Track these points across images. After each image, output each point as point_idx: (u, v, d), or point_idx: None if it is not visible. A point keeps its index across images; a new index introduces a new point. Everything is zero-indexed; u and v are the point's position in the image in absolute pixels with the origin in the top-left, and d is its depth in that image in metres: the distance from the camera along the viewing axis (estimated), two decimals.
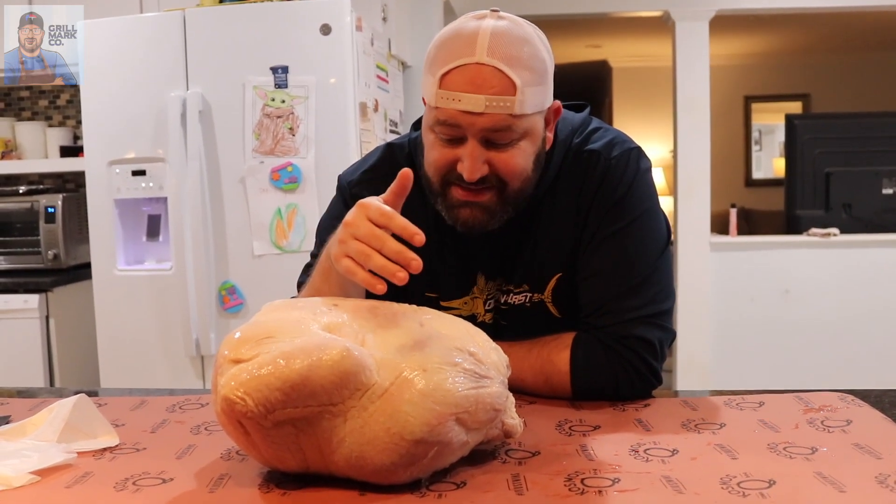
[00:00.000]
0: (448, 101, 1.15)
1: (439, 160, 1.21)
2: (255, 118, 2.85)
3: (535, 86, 1.16)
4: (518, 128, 1.17)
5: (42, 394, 1.43)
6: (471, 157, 1.17)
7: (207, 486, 0.92)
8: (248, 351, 0.91)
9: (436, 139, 1.21)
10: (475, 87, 1.13)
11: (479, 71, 1.13)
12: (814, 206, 4.67)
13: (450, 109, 1.15)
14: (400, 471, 0.88)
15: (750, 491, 0.86)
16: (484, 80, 1.13)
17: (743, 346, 4.64)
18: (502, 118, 1.15)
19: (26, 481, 0.93)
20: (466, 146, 1.17)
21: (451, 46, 1.16)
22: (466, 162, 1.17)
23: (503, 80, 1.13)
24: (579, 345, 1.25)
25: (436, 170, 1.22)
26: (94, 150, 3.03)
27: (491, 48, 1.13)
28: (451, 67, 1.15)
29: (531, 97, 1.16)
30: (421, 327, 0.98)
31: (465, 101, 1.14)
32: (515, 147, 1.19)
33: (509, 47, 1.14)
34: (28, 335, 3.32)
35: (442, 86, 1.15)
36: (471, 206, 1.22)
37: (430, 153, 1.23)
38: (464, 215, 1.23)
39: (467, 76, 1.14)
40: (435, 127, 1.19)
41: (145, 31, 2.95)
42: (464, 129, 1.16)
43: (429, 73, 1.19)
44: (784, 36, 6.70)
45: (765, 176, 7.79)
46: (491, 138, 1.17)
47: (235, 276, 2.94)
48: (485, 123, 1.15)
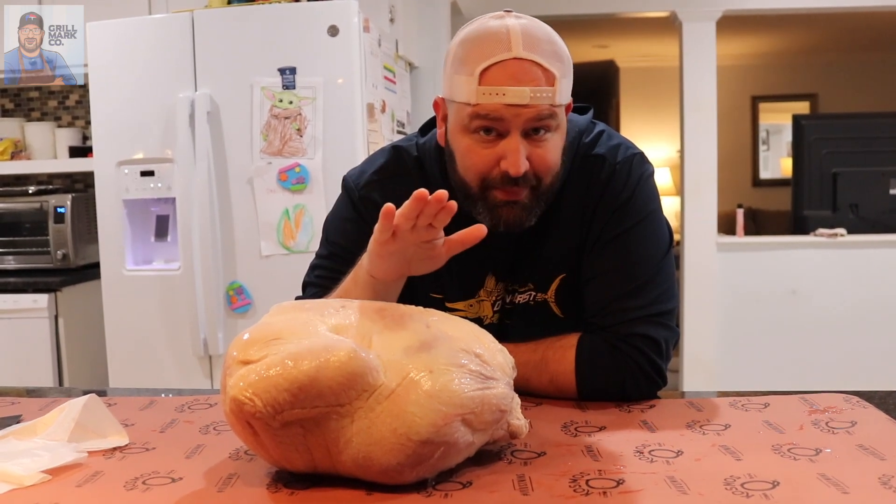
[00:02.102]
0: (491, 96, 1.17)
1: (479, 163, 1.23)
2: (262, 119, 2.87)
3: (566, 77, 1.21)
4: (557, 117, 1.21)
5: (52, 393, 1.44)
6: (515, 151, 1.19)
7: (216, 486, 0.93)
8: (256, 352, 0.92)
9: (472, 142, 1.22)
10: (518, 81, 1.17)
11: (520, 65, 1.17)
12: (821, 206, 4.66)
13: (493, 104, 1.18)
14: (406, 471, 0.89)
15: (753, 492, 0.86)
16: (525, 73, 1.17)
17: (750, 347, 4.63)
18: (546, 108, 1.18)
19: (38, 480, 0.94)
20: (510, 141, 1.19)
21: (483, 45, 1.18)
22: (511, 157, 1.19)
23: (544, 72, 1.18)
24: (584, 345, 1.26)
25: (476, 173, 1.23)
26: (102, 151, 3.04)
27: (526, 43, 1.17)
28: (490, 63, 1.17)
29: (565, 88, 1.21)
30: (427, 329, 0.99)
31: (510, 94, 1.17)
32: (550, 141, 1.22)
33: (540, 41, 1.19)
34: (37, 335, 3.34)
35: (483, 82, 1.18)
36: (511, 206, 1.24)
37: (467, 157, 1.24)
38: (506, 215, 1.24)
39: (509, 71, 1.17)
40: (474, 123, 1.21)
41: (154, 33, 2.97)
42: (507, 123, 1.19)
43: (460, 72, 1.20)
44: (791, 36, 6.69)
45: (772, 176, 7.77)
46: (535, 127, 1.20)
47: (243, 277, 2.95)
48: (530, 114, 1.18)
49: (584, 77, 8.30)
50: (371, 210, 1.37)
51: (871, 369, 4.44)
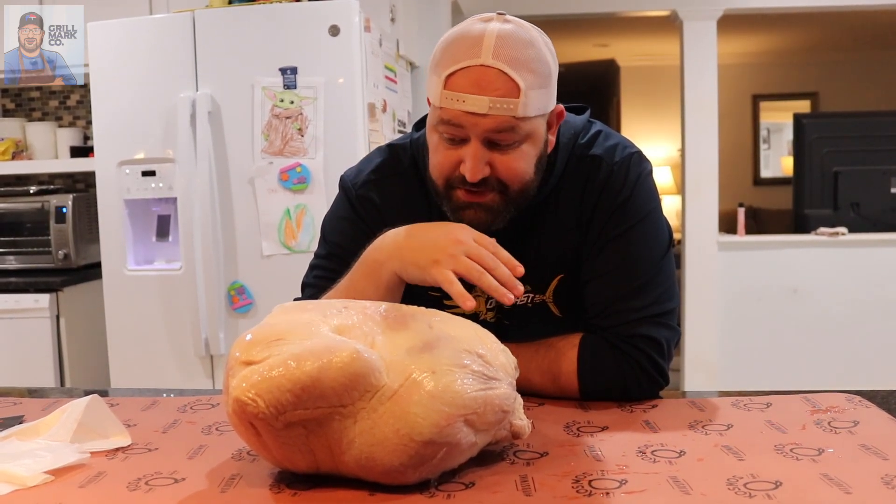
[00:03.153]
0: (452, 101, 1.16)
1: (443, 163, 1.22)
2: (264, 119, 2.87)
3: (539, 89, 1.17)
4: (521, 130, 1.18)
5: (54, 394, 1.45)
6: (473, 157, 1.18)
7: (219, 486, 0.93)
8: (259, 353, 0.92)
9: (440, 141, 1.22)
10: (479, 89, 1.14)
11: (484, 73, 1.14)
12: (822, 205, 4.66)
13: (454, 110, 1.16)
14: (409, 471, 0.89)
15: (756, 492, 0.86)
16: (488, 81, 1.14)
17: (751, 346, 4.63)
18: (505, 120, 1.16)
19: (40, 481, 0.95)
20: (469, 147, 1.19)
21: (456, 48, 1.17)
22: (468, 163, 1.18)
23: (507, 83, 1.14)
24: (586, 345, 1.26)
25: (439, 172, 1.24)
26: (104, 151, 3.05)
27: (496, 50, 1.14)
28: (456, 69, 1.16)
29: (534, 100, 1.17)
30: (430, 329, 0.99)
31: (470, 102, 1.15)
32: (517, 150, 1.20)
33: (514, 50, 1.15)
34: (38, 334, 3.34)
35: (447, 86, 1.17)
36: (474, 208, 1.23)
37: (433, 156, 1.25)
38: (468, 216, 1.24)
39: (472, 78, 1.15)
40: (439, 126, 1.21)
41: (155, 33, 2.97)
42: (467, 130, 1.18)
43: (434, 73, 1.20)
44: (792, 35, 6.69)
45: (773, 175, 7.77)
46: (494, 140, 1.18)
47: (244, 276, 2.95)
48: (488, 125, 1.16)
49: (585, 76, 8.35)
50: (369, 209, 1.37)
51: (873, 368, 4.44)
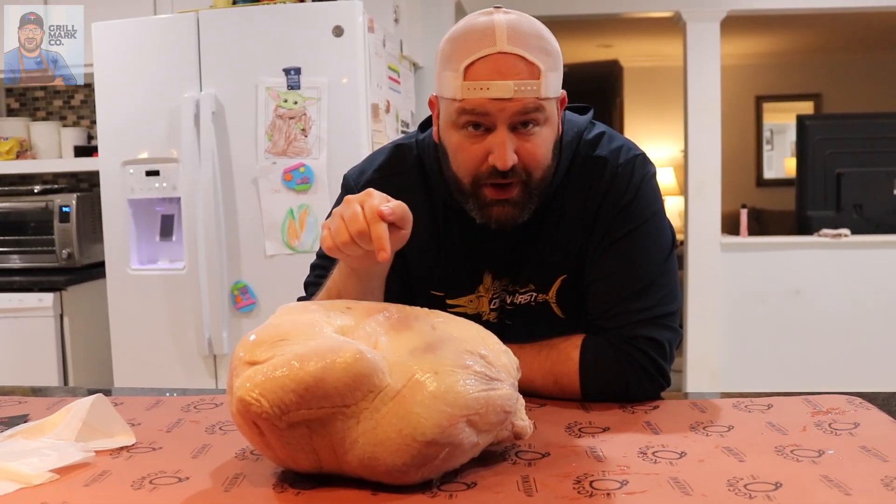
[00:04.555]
0: (475, 90, 1.17)
1: (470, 159, 1.23)
2: (267, 119, 2.87)
3: (554, 71, 1.20)
4: (544, 111, 1.20)
5: (57, 393, 1.45)
6: (502, 145, 1.19)
7: (223, 486, 0.94)
8: (263, 353, 0.93)
9: (462, 139, 1.23)
10: (502, 75, 1.16)
11: (504, 59, 1.17)
12: (825, 206, 4.66)
13: (478, 99, 1.18)
14: (412, 471, 0.90)
15: (756, 493, 0.87)
16: (510, 66, 1.17)
17: (753, 347, 4.63)
18: (531, 101, 1.18)
19: (46, 479, 0.95)
20: (497, 135, 1.19)
21: (468, 40, 1.19)
22: (498, 150, 1.19)
23: (528, 66, 1.17)
24: (588, 346, 1.26)
25: (467, 170, 1.24)
26: (108, 151, 3.05)
27: (510, 37, 1.17)
28: (474, 58, 1.17)
29: (552, 81, 1.20)
30: (433, 330, 0.99)
31: (494, 88, 1.16)
32: (539, 135, 1.22)
33: (526, 36, 1.18)
34: (42, 334, 3.35)
35: (468, 77, 1.18)
36: (502, 204, 1.24)
37: (458, 155, 1.25)
38: (496, 213, 1.25)
39: (492, 65, 1.17)
40: (460, 119, 1.21)
41: (159, 33, 2.98)
42: (493, 117, 1.19)
43: (447, 69, 1.20)
44: (795, 36, 6.69)
45: (776, 176, 7.77)
46: (522, 121, 1.19)
47: (248, 276, 2.96)
48: (515, 108, 1.18)
49: (588, 76, 8.34)
50: None
51: (875, 370, 4.44)
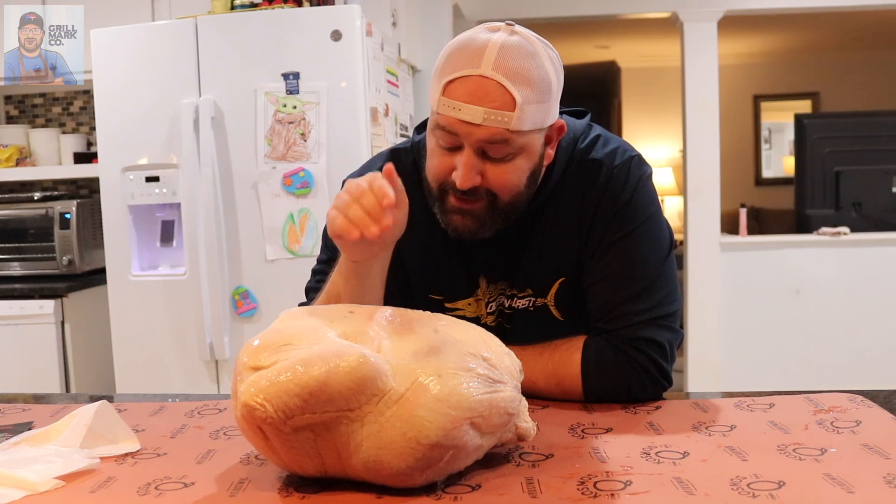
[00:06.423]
0: (449, 109, 1.18)
1: (437, 168, 1.25)
2: (267, 124, 2.88)
3: (537, 104, 1.18)
4: (514, 143, 1.19)
5: (59, 400, 1.45)
6: (465, 166, 1.20)
7: (228, 490, 0.94)
8: (266, 358, 0.93)
9: (436, 145, 1.24)
10: (475, 99, 1.16)
11: (482, 84, 1.16)
12: (824, 205, 4.67)
13: (450, 117, 1.18)
14: (416, 474, 0.90)
15: (759, 492, 0.87)
16: (485, 92, 1.16)
17: (754, 347, 4.64)
18: (499, 132, 1.17)
19: (51, 486, 0.96)
20: (462, 155, 1.20)
21: (458, 56, 1.19)
22: (460, 171, 1.20)
23: (504, 95, 1.15)
24: (590, 348, 1.27)
25: (433, 176, 1.26)
26: (107, 157, 3.06)
27: (497, 62, 1.15)
28: (455, 77, 1.17)
29: (531, 114, 1.18)
30: (435, 333, 1.00)
31: (465, 111, 1.16)
32: (510, 163, 1.21)
33: (515, 63, 1.16)
34: (44, 340, 3.34)
35: (445, 93, 1.18)
36: (462, 214, 1.25)
37: (430, 159, 1.27)
38: (455, 221, 1.26)
39: (469, 87, 1.16)
40: (435, 131, 1.23)
41: (158, 39, 2.98)
42: (461, 138, 1.19)
43: (436, 79, 1.22)
44: (793, 35, 6.69)
45: (775, 175, 7.77)
46: (487, 150, 1.20)
47: (248, 281, 2.96)
48: (481, 135, 1.17)
49: (586, 78, 8.35)
50: None
51: (876, 368, 4.44)
